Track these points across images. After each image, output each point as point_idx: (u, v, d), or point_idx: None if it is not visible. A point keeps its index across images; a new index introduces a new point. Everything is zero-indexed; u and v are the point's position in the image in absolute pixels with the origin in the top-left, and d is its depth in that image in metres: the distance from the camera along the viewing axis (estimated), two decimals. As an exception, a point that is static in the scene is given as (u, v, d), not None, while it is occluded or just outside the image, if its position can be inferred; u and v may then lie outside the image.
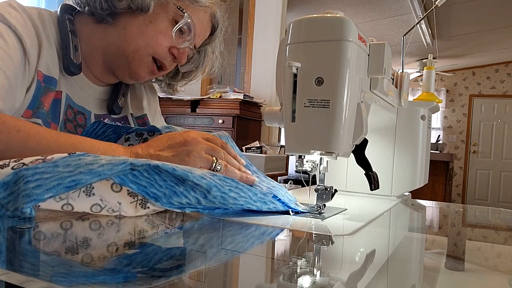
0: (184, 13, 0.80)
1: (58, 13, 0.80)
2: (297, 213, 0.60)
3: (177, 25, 0.81)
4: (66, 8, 0.81)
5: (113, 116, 0.90)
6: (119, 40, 0.80)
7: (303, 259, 0.40)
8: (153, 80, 1.00)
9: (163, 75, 0.92)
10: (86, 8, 0.79)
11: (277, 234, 0.50)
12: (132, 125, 0.92)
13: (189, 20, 0.81)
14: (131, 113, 0.94)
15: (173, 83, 0.99)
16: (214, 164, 0.61)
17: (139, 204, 0.50)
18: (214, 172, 0.57)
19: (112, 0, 0.77)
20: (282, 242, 0.48)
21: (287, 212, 0.59)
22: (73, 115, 0.81)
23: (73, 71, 0.78)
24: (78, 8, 0.81)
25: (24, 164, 0.46)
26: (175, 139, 0.63)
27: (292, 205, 0.60)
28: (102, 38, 0.82)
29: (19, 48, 0.70)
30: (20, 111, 0.71)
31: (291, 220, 0.56)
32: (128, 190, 0.49)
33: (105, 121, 0.87)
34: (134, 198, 0.50)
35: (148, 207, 0.50)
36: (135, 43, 0.80)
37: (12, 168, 0.45)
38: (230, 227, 0.51)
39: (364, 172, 0.69)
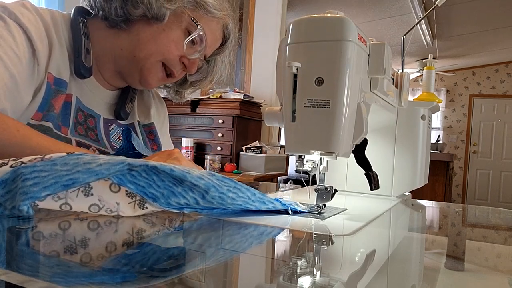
0: (197, 25, 0.80)
1: (71, 15, 0.80)
2: (296, 212, 0.59)
3: (189, 37, 0.80)
4: (80, 11, 0.81)
5: (120, 121, 0.89)
6: (131, 46, 0.80)
7: (303, 259, 0.39)
8: (161, 87, 1.00)
9: (171, 82, 0.92)
10: (101, 12, 0.79)
11: (277, 234, 0.50)
12: (139, 132, 0.92)
13: (201, 32, 0.81)
14: (138, 121, 0.94)
15: (181, 90, 0.99)
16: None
17: (137, 204, 0.50)
18: (213, 173, 0.57)
19: (128, 7, 0.76)
20: (282, 242, 0.48)
21: (286, 212, 0.59)
22: (83, 118, 0.81)
23: (84, 74, 0.77)
24: (92, 12, 0.81)
25: (22, 162, 0.46)
26: (162, 152, 0.72)
27: (292, 205, 0.60)
28: (114, 43, 0.81)
29: (28, 47, 0.69)
30: (30, 113, 0.70)
31: (291, 220, 0.56)
32: (126, 191, 0.49)
33: (112, 126, 0.87)
34: (132, 199, 0.50)
35: (146, 208, 0.50)
36: (147, 50, 0.79)
37: (11, 167, 0.45)
38: (229, 227, 0.51)
39: (364, 172, 0.68)
